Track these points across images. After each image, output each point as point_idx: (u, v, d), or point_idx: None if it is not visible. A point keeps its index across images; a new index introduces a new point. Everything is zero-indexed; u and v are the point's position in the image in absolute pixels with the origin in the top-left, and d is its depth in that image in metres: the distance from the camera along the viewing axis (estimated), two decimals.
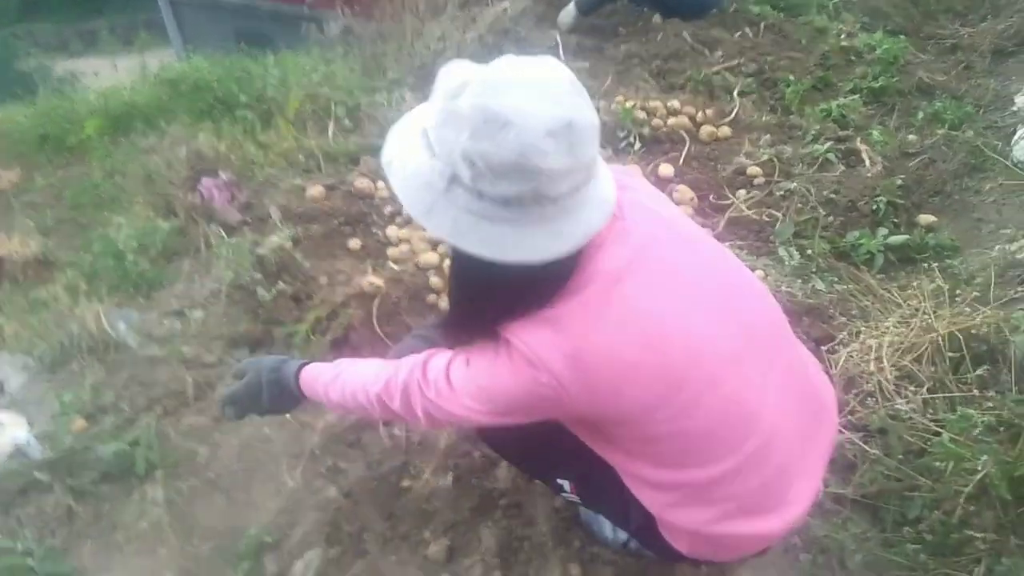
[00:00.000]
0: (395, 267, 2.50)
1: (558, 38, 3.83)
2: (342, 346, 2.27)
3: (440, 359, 1.24)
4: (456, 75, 0.98)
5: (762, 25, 3.99)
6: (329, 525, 1.73)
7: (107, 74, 8.15)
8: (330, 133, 3.28)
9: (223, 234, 2.67)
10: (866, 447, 1.86)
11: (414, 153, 1.02)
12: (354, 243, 2.60)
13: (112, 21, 16.28)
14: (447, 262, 2.30)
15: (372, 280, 2.35)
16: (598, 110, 3.19)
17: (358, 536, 1.72)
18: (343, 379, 1.41)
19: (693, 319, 1.15)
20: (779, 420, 1.23)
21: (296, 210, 2.76)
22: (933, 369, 1.99)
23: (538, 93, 0.95)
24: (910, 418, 1.88)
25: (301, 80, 3.64)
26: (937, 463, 1.72)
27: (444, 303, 2.35)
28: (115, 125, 4.50)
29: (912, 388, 1.97)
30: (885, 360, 2.03)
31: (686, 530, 1.30)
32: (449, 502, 1.76)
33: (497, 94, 0.94)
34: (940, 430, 1.79)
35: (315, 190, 2.81)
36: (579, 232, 1.02)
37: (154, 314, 2.46)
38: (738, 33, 3.94)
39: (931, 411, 1.89)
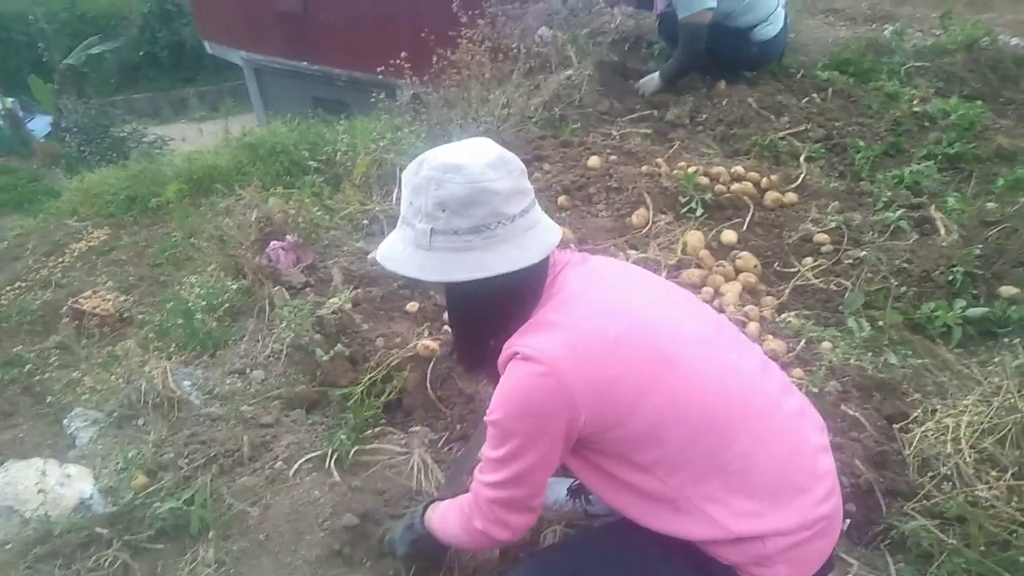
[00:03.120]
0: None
1: (618, 104, 3.86)
2: (395, 410, 2.28)
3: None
4: (411, 165, 1.29)
5: (830, 91, 3.94)
6: None
7: (193, 138, 8.64)
8: (394, 198, 3.36)
9: (287, 295, 2.74)
10: (943, 536, 1.73)
11: (397, 240, 1.32)
12: (411, 306, 2.64)
13: (201, 89, 17.37)
14: None
15: (427, 343, 2.36)
16: (660, 175, 3.18)
17: None
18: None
19: (662, 309, 1.34)
20: (771, 394, 1.33)
21: (357, 272, 2.82)
22: (1017, 453, 1.86)
23: (472, 147, 1.28)
24: (992, 506, 1.75)
25: (369, 145, 3.76)
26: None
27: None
28: (196, 187, 4.76)
29: (994, 473, 1.84)
30: (963, 441, 1.92)
31: (755, 540, 1.24)
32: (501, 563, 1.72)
33: (446, 155, 1.26)
34: None
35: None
36: (540, 246, 1.28)
37: (217, 372, 2.53)
38: (805, 99, 3.90)
39: (1016, 499, 1.75)
